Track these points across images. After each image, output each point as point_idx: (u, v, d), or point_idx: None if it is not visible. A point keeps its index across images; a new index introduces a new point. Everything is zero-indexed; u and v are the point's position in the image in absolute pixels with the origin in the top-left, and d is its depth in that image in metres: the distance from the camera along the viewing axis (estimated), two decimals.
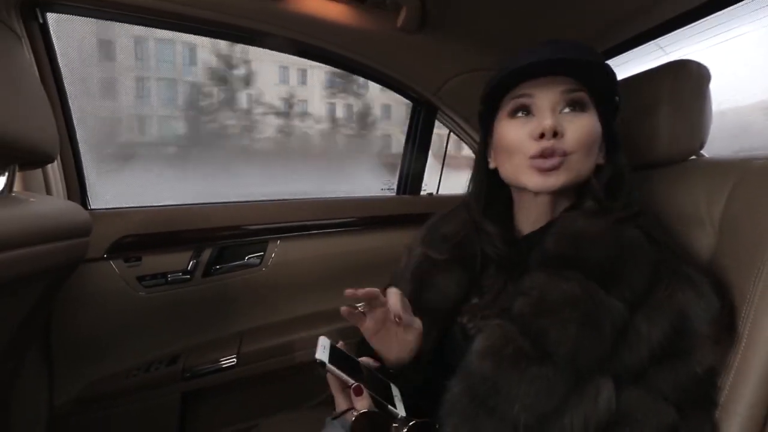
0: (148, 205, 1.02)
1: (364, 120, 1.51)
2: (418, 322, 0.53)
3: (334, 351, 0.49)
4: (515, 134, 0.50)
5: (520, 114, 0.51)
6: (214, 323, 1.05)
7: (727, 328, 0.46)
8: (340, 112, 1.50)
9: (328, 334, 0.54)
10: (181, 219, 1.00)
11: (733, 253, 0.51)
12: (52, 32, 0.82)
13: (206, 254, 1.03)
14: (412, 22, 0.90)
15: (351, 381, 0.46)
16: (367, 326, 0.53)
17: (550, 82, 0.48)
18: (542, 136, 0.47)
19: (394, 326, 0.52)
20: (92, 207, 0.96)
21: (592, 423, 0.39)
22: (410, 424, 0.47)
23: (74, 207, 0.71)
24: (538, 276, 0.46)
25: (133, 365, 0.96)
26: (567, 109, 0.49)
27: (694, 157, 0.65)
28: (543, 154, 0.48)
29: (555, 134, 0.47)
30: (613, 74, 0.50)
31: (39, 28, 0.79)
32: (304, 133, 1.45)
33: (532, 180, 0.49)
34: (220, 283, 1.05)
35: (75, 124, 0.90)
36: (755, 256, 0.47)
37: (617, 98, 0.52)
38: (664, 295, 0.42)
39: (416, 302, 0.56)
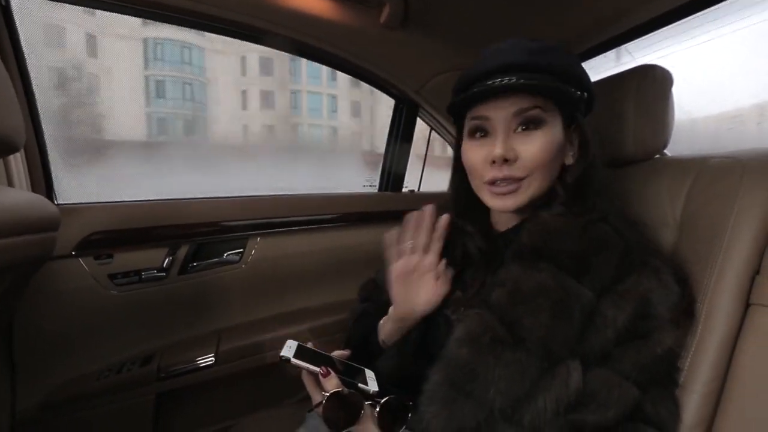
0: (120, 200, 0.98)
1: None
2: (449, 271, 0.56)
3: (301, 349, 0.50)
4: (473, 157, 0.52)
5: (478, 134, 0.52)
6: (191, 322, 1.02)
7: (686, 313, 0.49)
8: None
9: (309, 332, 0.55)
10: (156, 214, 0.96)
11: (691, 247, 0.55)
12: (15, 16, 0.78)
13: (182, 251, 1.00)
14: (395, 18, 0.90)
15: (316, 368, 0.47)
16: (399, 266, 0.55)
17: (503, 102, 0.49)
18: (495, 162, 0.49)
19: (429, 274, 0.55)
20: (59, 202, 0.91)
21: (563, 404, 0.41)
22: (383, 400, 0.48)
23: (41, 200, 0.67)
24: (514, 268, 0.49)
25: (104, 366, 0.92)
26: (520, 129, 0.50)
27: (658, 156, 0.69)
28: (496, 183, 0.50)
29: (507, 160, 0.48)
30: (576, 74, 0.51)
31: (1, 11, 0.75)
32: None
33: (490, 201, 0.53)
34: (197, 280, 1.02)
35: (40, 114, 0.86)
36: (711, 250, 0.51)
37: (585, 94, 0.53)
38: (629, 283, 0.45)
39: None
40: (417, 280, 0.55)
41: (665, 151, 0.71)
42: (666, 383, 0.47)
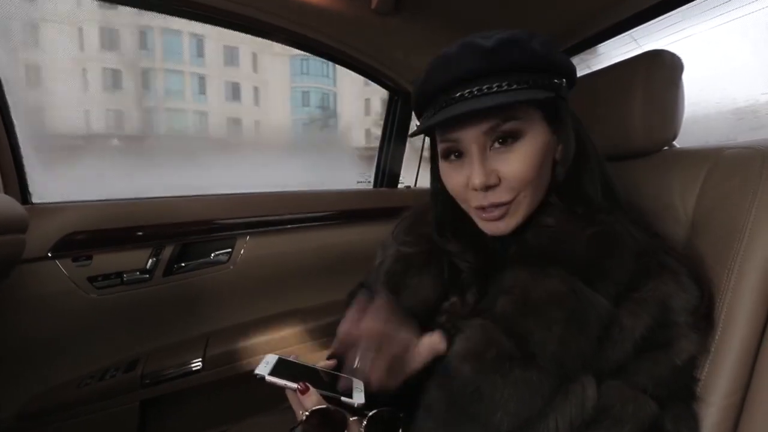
0: (99, 198, 0.93)
1: None
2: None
3: (281, 364, 0.46)
4: (454, 182, 0.46)
5: (452, 157, 0.46)
6: (177, 325, 0.98)
7: (705, 317, 0.45)
8: None
9: (301, 334, 0.50)
10: (138, 213, 0.92)
11: (706, 245, 0.51)
12: None
13: (167, 252, 0.96)
14: (387, 3, 0.85)
15: (293, 384, 0.43)
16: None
17: (470, 122, 0.42)
18: (477, 189, 0.43)
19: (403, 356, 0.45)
20: (34, 201, 0.87)
21: (577, 424, 0.38)
22: (370, 414, 0.44)
23: (7, 200, 0.63)
24: (520, 273, 0.44)
25: (85, 374, 0.88)
26: (497, 145, 0.43)
27: (666, 147, 0.65)
28: (483, 209, 0.44)
29: (489, 187, 0.43)
30: (547, 60, 0.43)
31: None
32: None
33: (483, 226, 0.47)
34: (183, 282, 0.98)
35: (11, 110, 0.81)
36: (729, 246, 0.47)
37: (564, 80, 0.45)
38: (646, 287, 0.41)
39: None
40: (396, 366, 0.46)
41: (674, 143, 0.66)
42: (685, 397, 0.43)
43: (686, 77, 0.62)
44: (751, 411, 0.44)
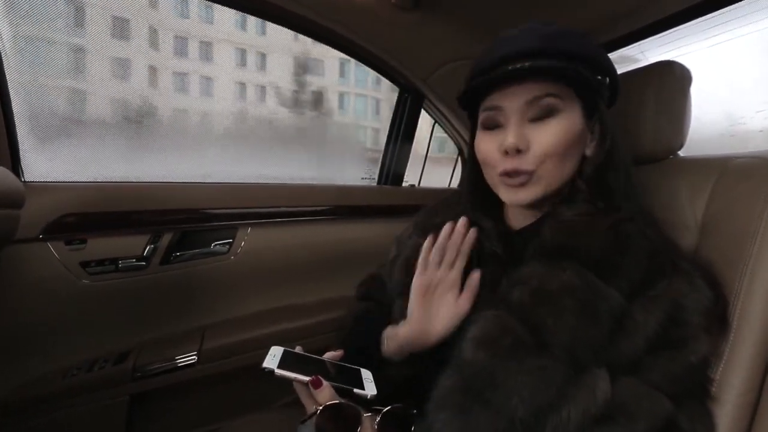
0: (98, 179, 0.89)
1: None
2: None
3: (288, 356, 0.45)
4: (486, 148, 0.50)
5: (491, 125, 0.50)
6: (173, 317, 0.94)
7: (720, 319, 0.46)
8: None
9: (301, 329, 0.49)
10: (137, 197, 0.88)
11: (716, 250, 0.52)
12: None
13: (166, 239, 0.92)
14: None
15: (305, 378, 0.42)
16: (422, 281, 0.52)
17: (516, 90, 0.46)
18: (507, 152, 0.46)
19: (451, 291, 0.51)
20: (27, 179, 0.82)
21: (589, 416, 0.38)
22: (384, 411, 0.44)
23: (3, 172, 0.59)
24: (536, 266, 0.45)
25: (72, 364, 0.83)
26: (534, 120, 0.47)
27: (672, 156, 0.67)
28: (508, 173, 0.47)
29: (519, 151, 0.46)
30: (595, 58, 0.48)
31: None
32: None
33: (504, 194, 0.50)
34: (180, 271, 0.94)
35: (7, 81, 0.77)
36: (741, 252, 0.49)
37: (607, 79, 0.50)
38: (659, 286, 0.42)
39: (410, 291, 0.54)
40: (438, 298, 0.52)
41: (679, 152, 0.69)
42: (700, 396, 0.44)
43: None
44: (765, 409, 0.45)
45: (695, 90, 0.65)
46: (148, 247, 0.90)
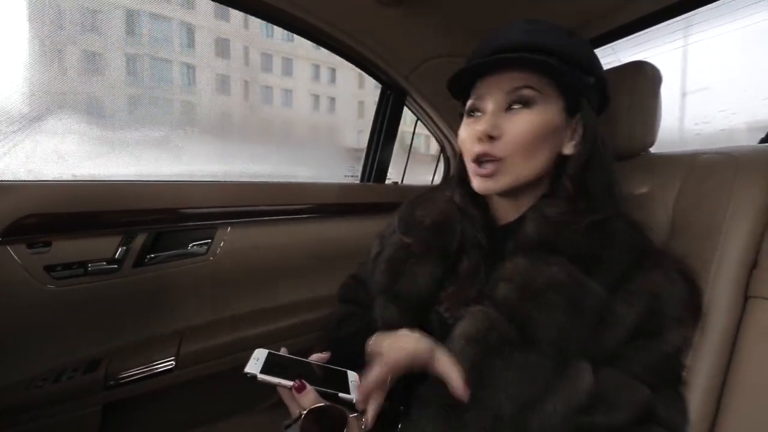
0: (62, 178, 0.83)
1: None
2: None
3: (272, 359, 0.44)
4: (464, 134, 0.51)
5: (473, 113, 0.51)
6: (148, 321, 0.90)
7: (693, 310, 0.49)
8: None
9: (283, 330, 0.48)
10: (107, 196, 0.83)
11: (686, 243, 0.54)
12: None
13: (139, 240, 0.87)
14: None
15: (288, 382, 0.41)
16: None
17: (499, 79, 0.48)
18: (480, 138, 0.48)
19: None
20: None
21: (573, 407, 0.39)
22: None
23: None
24: (521, 262, 0.46)
25: (38, 374, 0.78)
26: (511, 109, 0.48)
27: (644, 153, 0.70)
28: (478, 159, 0.49)
29: (492, 137, 0.47)
30: (580, 57, 0.49)
31: None
32: None
33: (475, 183, 0.51)
34: (156, 274, 0.90)
35: None
36: (708, 246, 0.52)
37: (593, 79, 0.50)
38: (638, 279, 0.44)
39: (391, 291, 0.55)
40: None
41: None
42: (674, 383, 0.46)
43: None
44: (731, 389, 0.48)
45: (663, 89, 0.68)
46: (120, 249, 0.85)
